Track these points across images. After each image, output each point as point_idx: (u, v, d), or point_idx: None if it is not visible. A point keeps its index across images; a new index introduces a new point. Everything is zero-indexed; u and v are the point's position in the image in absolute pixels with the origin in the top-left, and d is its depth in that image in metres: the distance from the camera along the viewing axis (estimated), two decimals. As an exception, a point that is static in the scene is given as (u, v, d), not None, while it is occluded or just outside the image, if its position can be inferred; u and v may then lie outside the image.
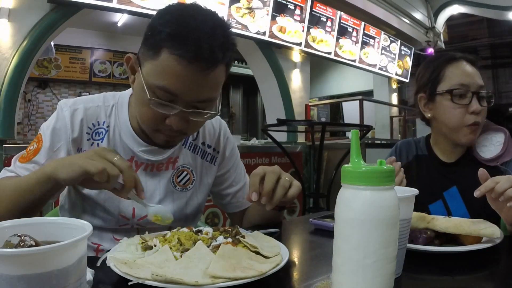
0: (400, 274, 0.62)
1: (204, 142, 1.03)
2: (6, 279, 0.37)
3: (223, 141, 1.07)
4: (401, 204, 0.61)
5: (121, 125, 0.92)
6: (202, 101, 0.80)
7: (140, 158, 0.93)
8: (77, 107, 0.90)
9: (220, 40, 0.76)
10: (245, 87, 7.92)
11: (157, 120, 0.82)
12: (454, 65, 1.09)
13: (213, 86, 0.79)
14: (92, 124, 0.91)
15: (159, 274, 0.53)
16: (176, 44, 0.73)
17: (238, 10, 4.03)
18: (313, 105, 6.65)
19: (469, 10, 6.73)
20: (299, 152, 4.16)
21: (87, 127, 0.91)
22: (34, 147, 0.88)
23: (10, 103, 2.88)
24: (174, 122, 0.80)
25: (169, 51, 0.74)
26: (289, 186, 0.82)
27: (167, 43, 0.74)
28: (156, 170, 0.95)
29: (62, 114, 0.89)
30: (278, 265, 0.61)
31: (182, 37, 0.73)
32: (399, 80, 6.79)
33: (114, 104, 0.94)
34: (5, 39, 2.89)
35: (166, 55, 0.74)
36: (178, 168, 0.98)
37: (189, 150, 1.00)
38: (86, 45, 6.22)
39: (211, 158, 1.04)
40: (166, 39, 0.74)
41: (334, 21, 5.05)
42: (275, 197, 0.79)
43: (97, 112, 0.92)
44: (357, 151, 0.48)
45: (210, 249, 0.66)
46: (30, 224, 0.47)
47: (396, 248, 0.47)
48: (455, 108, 1.07)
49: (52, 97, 6.13)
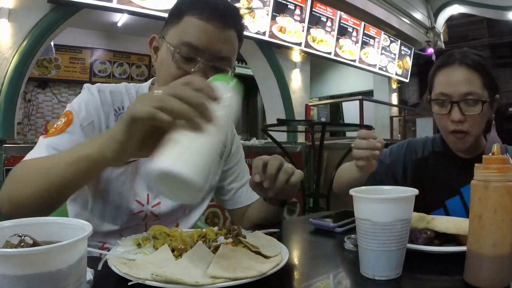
0: (400, 274, 0.62)
1: None
2: (6, 279, 0.37)
3: (230, 137, 1.09)
4: (401, 204, 0.62)
5: None
6: (220, 58, 0.85)
7: None
8: (104, 89, 0.92)
9: (232, 8, 0.90)
10: (245, 87, 7.91)
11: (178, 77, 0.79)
12: (441, 71, 1.10)
13: (228, 44, 0.86)
14: (118, 108, 0.92)
15: (159, 274, 0.53)
16: (197, 7, 0.84)
17: (238, 10, 4.03)
18: (313, 105, 6.66)
19: (469, 10, 6.73)
20: (299, 152, 4.16)
21: (113, 110, 0.91)
22: (64, 121, 0.84)
23: (10, 103, 2.88)
24: None
25: (190, 13, 0.83)
26: (292, 173, 0.84)
27: (189, 9, 0.84)
28: None
29: (91, 92, 0.90)
30: (278, 265, 0.61)
31: (201, 2, 0.84)
32: (399, 80, 6.79)
33: (135, 92, 0.96)
34: (5, 39, 2.89)
35: (188, 17, 0.83)
36: None
37: None
38: (86, 45, 6.22)
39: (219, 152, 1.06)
40: (188, 7, 0.85)
41: (334, 21, 5.05)
42: (278, 181, 0.82)
43: (121, 97, 0.94)
44: None
45: (211, 249, 0.66)
46: (30, 224, 0.47)
47: None
48: (439, 116, 1.10)
49: (52, 97, 6.12)
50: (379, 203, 0.61)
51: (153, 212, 0.94)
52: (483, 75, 1.05)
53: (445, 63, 1.09)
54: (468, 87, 1.04)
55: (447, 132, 1.09)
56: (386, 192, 0.68)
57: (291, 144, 4.34)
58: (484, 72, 1.06)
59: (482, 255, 0.57)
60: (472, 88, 1.04)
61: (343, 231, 0.93)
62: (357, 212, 0.64)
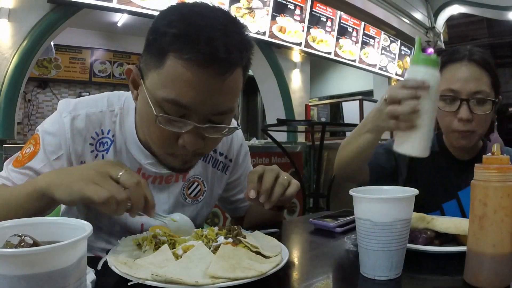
0: (400, 274, 0.62)
1: (216, 149, 0.95)
2: (6, 279, 0.37)
3: (236, 148, 1.00)
4: (401, 204, 0.62)
5: (127, 134, 0.83)
6: (219, 113, 0.69)
7: (148, 171, 0.84)
8: (78, 113, 0.80)
9: (235, 38, 0.65)
10: (245, 87, 7.90)
11: (169, 141, 0.71)
12: (450, 67, 1.04)
13: (230, 94, 0.68)
14: (96, 133, 0.81)
15: (159, 274, 0.53)
16: (185, 46, 0.62)
17: (238, 10, 4.03)
18: (313, 105, 6.65)
19: (469, 10, 6.73)
20: (299, 152, 4.16)
21: (90, 137, 0.80)
22: (30, 150, 0.79)
23: (10, 103, 2.87)
24: (188, 141, 0.69)
25: (177, 56, 0.63)
26: (288, 185, 0.80)
27: (174, 46, 0.63)
28: (165, 183, 0.88)
29: (62, 121, 0.79)
30: (278, 265, 0.61)
31: (191, 37, 0.62)
32: (399, 80, 6.79)
33: (119, 109, 0.83)
34: (5, 39, 2.89)
35: (173, 61, 0.63)
36: (189, 179, 0.91)
37: (200, 159, 0.92)
38: (86, 45, 6.21)
39: (223, 166, 0.98)
40: (172, 42, 0.63)
41: (334, 21, 5.05)
42: (274, 195, 0.77)
43: (101, 119, 0.81)
44: (418, 49, 0.73)
45: (211, 249, 0.66)
46: (30, 224, 0.47)
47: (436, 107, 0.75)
48: (444, 113, 1.04)
49: (52, 97, 6.12)
50: (379, 203, 0.61)
51: None
52: (491, 74, 1.02)
53: (453, 59, 1.04)
54: (477, 85, 1.00)
55: (451, 130, 1.04)
56: (386, 192, 0.68)
57: (291, 144, 4.33)
58: (492, 71, 1.02)
59: (482, 255, 0.57)
60: (482, 87, 1.00)
61: (343, 231, 0.93)
62: (357, 212, 0.64)
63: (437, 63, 0.72)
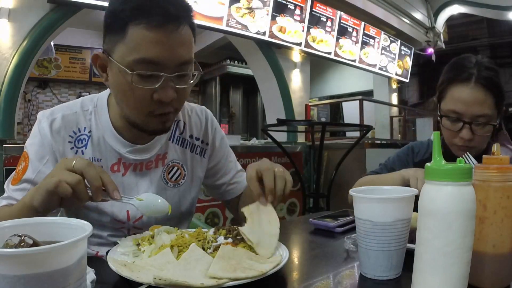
0: (400, 274, 0.62)
1: (192, 135, 1.02)
2: (6, 279, 0.37)
3: (211, 132, 1.06)
4: (401, 204, 0.62)
5: (104, 128, 0.91)
6: (181, 63, 0.79)
7: (128, 159, 0.91)
8: (54, 116, 0.89)
9: (179, 3, 0.79)
10: (245, 87, 7.90)
11: (145, 100, 0.79)
12: (456, 87, 1.06)
13: (187, 45, 0.79)
14: (73, 132, 0.89)
15: (162, 277, 0.53)
16: (142, 14, 0.74)
17: (238, 10, 4.03)
18: (313, 105, 6.65)
19: (469, 10, 6.73)
20: (299, 152, 4.16)
21: (68, 136, 0.89)
22: (22, 166, 0.86)
23: (10, 103, 2.87)
24: (162, 93, 0.78)
25: (137, 23, 0.74)
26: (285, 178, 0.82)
27: (132, 17, 0.74)
28: (145, 169, 0.94)
29: (41, 126, 0.88)
30: (278, 265, 0.61)
31: (145, 6, 0.75)
32: (399, 80, 6.79)
33: (93, 107, 0.92)
34: (5, 39, 2.89)
35: (135, 28, 0.74)
36: (168, 164, 0.97)
37: (177, 144, 0.99)
38: (86, 45, 6.21)
39: (200, 150, 1.04)
40: (130, 13, 0.74)
41: (334, 21, 5.05)
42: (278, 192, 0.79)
43: (75, 119, 0.90)
44: (438, 152, 0.53)
45: (211, 250, 0.66)
46: (30, 224, 0.47)
47: (472, 239, 0.51)
48: (447, 130, 1.09)
49: (52, 97, 6.13)
50: (379, 203, 0.62)
51: (136, 227, 0.92)
52: (495, 94, 1.04)
53: (461, 77, 1.05)
54: (481, 109, 1.03)
55: (452, 143, 1.10)
56: (386, 192, 0.68)
57: (291, 144, 4.33)
58: (497, 90, 1.04)
59: (482, 255, 0.57)
60: (485, 110, 1.03)
61: (343, 231, 0.93)
62: (357, 212, 0.64)
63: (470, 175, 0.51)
